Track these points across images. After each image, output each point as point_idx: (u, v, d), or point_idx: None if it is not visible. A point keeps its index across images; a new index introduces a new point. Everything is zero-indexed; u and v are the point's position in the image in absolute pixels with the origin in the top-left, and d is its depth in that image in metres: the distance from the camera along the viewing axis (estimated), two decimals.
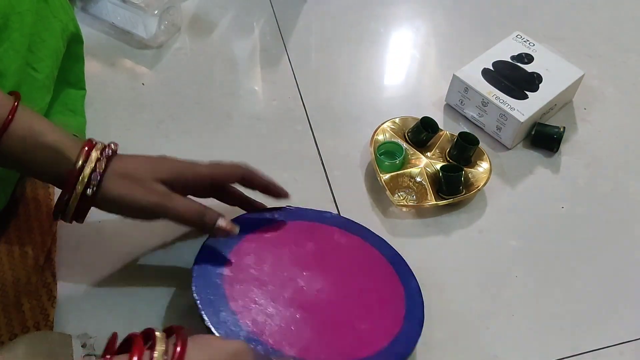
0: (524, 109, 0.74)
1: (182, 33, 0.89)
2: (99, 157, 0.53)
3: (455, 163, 0.73)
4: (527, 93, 0.76)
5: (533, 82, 0.77)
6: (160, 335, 0.41)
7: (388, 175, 0.71)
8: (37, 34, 0.61)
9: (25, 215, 0.64)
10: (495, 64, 0.79)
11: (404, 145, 0.74)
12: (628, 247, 0.69)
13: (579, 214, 0.72)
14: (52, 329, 0.57)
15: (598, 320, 0.63)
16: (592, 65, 0.86)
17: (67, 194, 0.52)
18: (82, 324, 0.59)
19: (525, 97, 0.76)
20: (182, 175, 0.57)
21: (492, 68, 0.79)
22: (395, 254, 0.64)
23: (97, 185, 0.52)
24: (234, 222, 0.58)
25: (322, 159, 0.75)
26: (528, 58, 0.80)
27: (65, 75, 0.70)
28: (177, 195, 0.56)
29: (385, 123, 0.76)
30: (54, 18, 0.64)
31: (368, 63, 0.88)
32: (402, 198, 0.71)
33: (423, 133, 0.74)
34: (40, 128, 0.51)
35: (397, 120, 0.77)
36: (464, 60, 0.79)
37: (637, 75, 0.87)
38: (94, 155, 0.52)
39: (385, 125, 0.76)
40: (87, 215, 0.55)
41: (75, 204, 0.53)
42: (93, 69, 0.82)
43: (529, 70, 0.79)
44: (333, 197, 0.71)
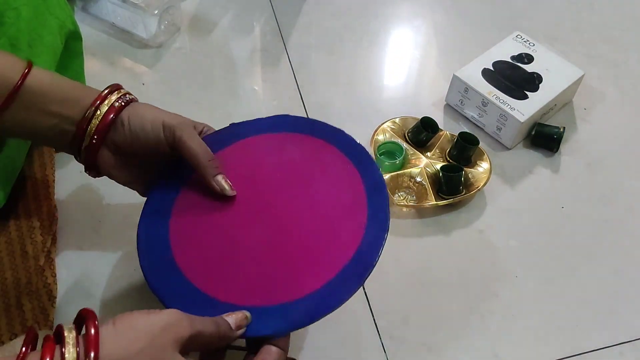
0: (524, 109, 0.74)
1: (182, 33, 0.89)
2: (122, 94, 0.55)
3: (455, 163, 0.73)
4: (527, 93, 0.76)
5: (533, 82, 0.77)
6: (69, 328, 0.40)
7: (388, 175, 0.71)
8: (34, 30, 0.61)
9: (26, 215, 0.64)
10: (495, 64, 0.79)
11: (404, 145, 0.74)
12: (628, 247, 0.69)
13: (579, 214, 0.72)
14: (52, 329, 0.57)
15: (598, 320, 0.63)
16: (592, 65, 0.86)
17: (90, 111, 0.53)
18: None
19: (525, 97, 0.76)
20: None
21: (492, 68, 0.79)
22: (355, 147, 0.59)
23: (124, 105, 0.54)
24: None
25: None
26: (528, 58, 0.80)
27: (64, 72, 0.70)
28: None
29: (385, 123, 0.76)
30: (51, 15, 0.64)
31: (368, 63, 0.88)
32: (402, 198, 0.71)
33: (423, 133, 0.74)
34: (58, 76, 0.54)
35: (397, 120, 0.77)
36: (464, 60, 0.79)
37: (637, 75, 0.87)
38: (115, 95, 0.55)
39: (385, 125, 0.76)
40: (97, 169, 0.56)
41: (97, 125, 0.53)
42: (93, 69, 0.82)
43: (529, 70, 0.79)
44: None
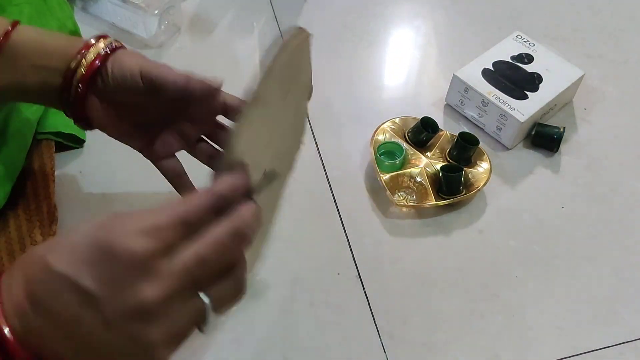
0: (524, 109, 0.74)
1: (182, 33, 0.89)
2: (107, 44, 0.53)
3: (455, 163, 0.73)
4: (527, 93, 0.76)
5: (533, 82, 0.77)
6: None
7: (388, 175, 0.71)
8: None
9: (26, 215, 0.64)
10: (496, 64, 0.79)
11: (404, 145, 0.74)
12: (628, 247, 0.69)
13: (579, 214, 0.72)
14: None
15: (598, 320, 0.63)
16: (592, 65, 0.86)
17: (75, 60, 0.51)
18: None
19: (525, 97, 0.76)
20: None
21: (492, 68, 0.79)
22: None
23: (110, 52, 0.52)
24: None
25: (322, 159, 0.75)
26: (528, 58, 0.80)
27: None
28: None
29: (385, 123, 0.76)
30: (51, 15, 0.64)
31: (368, 63, 0.88)
32: (402, 198, 0.71)
33: (423, 133, 0.74)
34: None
35: (397, 120, 0.77)
36: (464, 60, 0.79)
37: (637, 75, 0.87)
38: (102, 43, 0.52)
39: (385, 125, 0.76)
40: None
41: (83, 74, 0.51)
42: None
43: (529, 71, 0.79)
44: (333, 197, 0.71)
